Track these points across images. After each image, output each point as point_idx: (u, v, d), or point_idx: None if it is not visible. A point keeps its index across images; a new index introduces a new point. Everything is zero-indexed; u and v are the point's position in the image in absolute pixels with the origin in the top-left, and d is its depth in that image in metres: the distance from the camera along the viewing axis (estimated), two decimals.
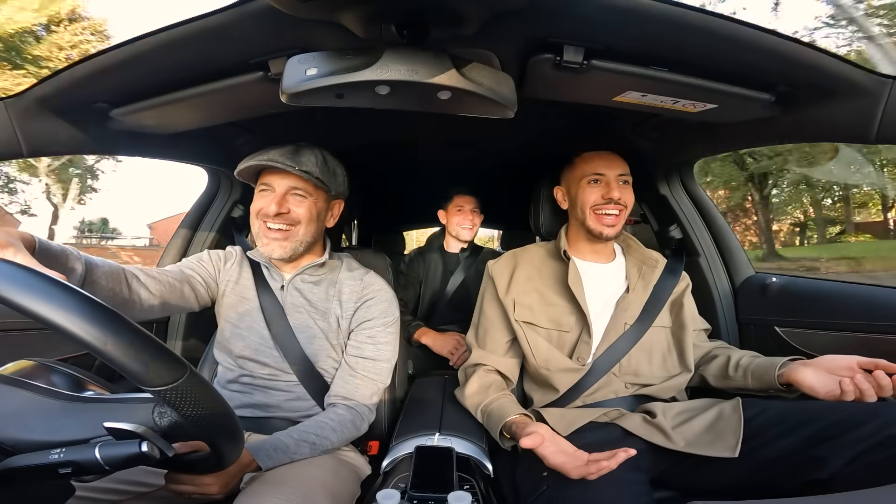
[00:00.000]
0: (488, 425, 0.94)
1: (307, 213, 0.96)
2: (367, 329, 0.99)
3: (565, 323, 1.01)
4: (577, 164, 1.08)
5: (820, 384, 0.81)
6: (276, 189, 0.94)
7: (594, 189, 1.03)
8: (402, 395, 1.24)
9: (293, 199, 0.95)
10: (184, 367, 0.43)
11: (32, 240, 0.66)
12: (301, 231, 0.96)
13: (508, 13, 0.59)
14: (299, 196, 0.95)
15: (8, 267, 0.40)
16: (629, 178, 1.05)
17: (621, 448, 0.69)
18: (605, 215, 1.01)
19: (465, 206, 1.83)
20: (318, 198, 0.98)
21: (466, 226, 1.82)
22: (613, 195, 1.00)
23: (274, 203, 0.92)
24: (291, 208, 0.94)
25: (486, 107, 0.62)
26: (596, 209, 1.02)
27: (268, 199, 0.94)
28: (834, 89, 0.70)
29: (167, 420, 0.46)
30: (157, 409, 0.46)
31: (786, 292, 1.14)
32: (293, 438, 0.84)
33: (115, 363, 0.39)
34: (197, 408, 0.43)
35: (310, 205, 0.96)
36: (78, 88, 0.73)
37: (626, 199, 1.02)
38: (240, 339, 0.98)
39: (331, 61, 0.56)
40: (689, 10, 0.58)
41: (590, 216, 1.02)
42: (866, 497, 0.45)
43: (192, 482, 0.72)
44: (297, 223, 0.95)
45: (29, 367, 0.51)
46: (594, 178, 1.03)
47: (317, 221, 0.99)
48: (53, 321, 0.38)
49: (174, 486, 0.71)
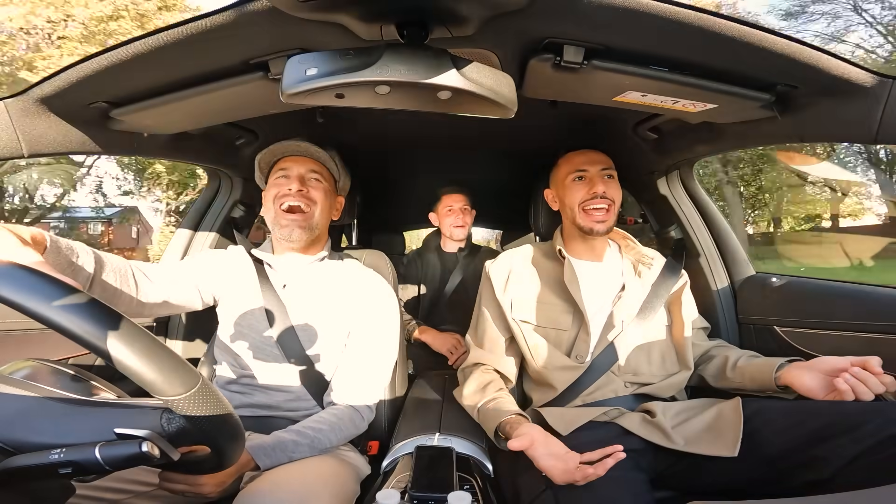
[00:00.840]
0: (484, 425, 0.94)
1: (323, 195, 1.02)
2: (368, 327, 1.00)
3: (562, 321, 1.01)
4: (561, 165, 1.10)
5: (816, 386, 0.81)
6: (295, 172, 1.00)
7: (579, 186, 1.04)
8: (402, 394, 1.24)
9: (311, 182, 1.01)
10: (196, 377, 0.44)
11: (44, 239, 0.66)
12: (317, 213, 1.01)
13: (508, 13, 0.59)
14: (315, 179, 1.01)
15: (27, 274, 0.41)
16: (613, 173, 1.07)
17: (611, 446, 0.69)
18: (594, 210, 1.02)
19: (454, 206, 1.80)
20: (329, 185, 1.04)
21: (459, 225, 1.80)
22: (598, 190, 1.01)
23: (295, 182, 0.98)
24: (311, 189, 1.00)
25: (486, 107, 0.62)
26: (584, 206, 1.03)
27: (286, 182, 0.99)
28: (834, 89, 0.70)
29: (175, 426, 0.46)
30: (164, 415, 0.46)
31: (786, 292, 1.14)
32: (292, 437, 0.84)
33: (131, 373, 0.41)
34: (207, 416, 0.45)
35: (325, 189, 1.02)
36: (78, 88, 0.73)
37: (611, 193, 1.03)
38: (241, 337, 0.98)
39: (331, 61, 0.56)
40: (689, 10, 0.58)
41: (579, 214, 1.03)
42: (866, 497, 0.45)
43: (186, 481, 0.71)
44: (314, 203, 1.00)
45: (35, 367, 0.51)
46: (577, 175, 1.05)
47: (329, 208, 1.05)
48: (72, 330, 0.39)
49: (168, 485, 0.71)
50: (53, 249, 0.68)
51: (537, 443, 0.77)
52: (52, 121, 0.79)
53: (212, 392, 0.45)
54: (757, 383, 0.92)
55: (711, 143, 1.07)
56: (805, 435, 0.75)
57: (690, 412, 0.90)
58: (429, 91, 0.58)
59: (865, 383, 0.75)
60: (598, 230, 1.02)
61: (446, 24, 0.61)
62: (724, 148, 1.09)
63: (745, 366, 0.96)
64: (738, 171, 13.34)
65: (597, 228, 1.02)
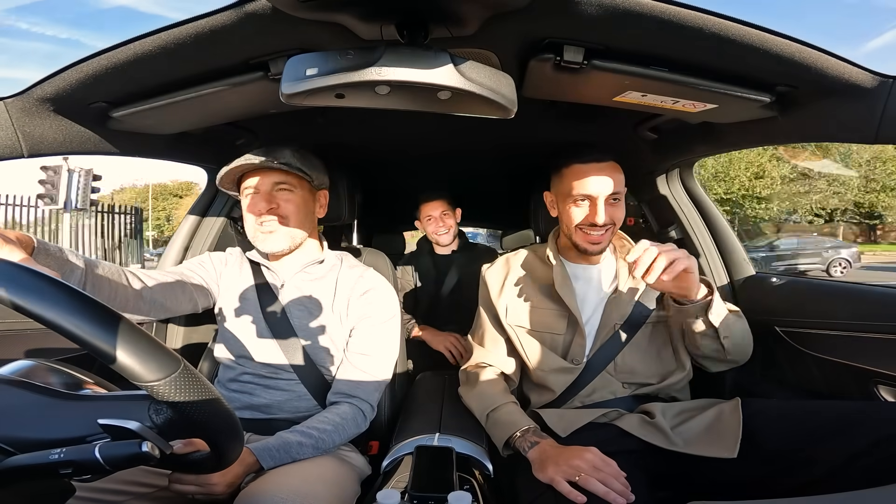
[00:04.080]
0: (492, 433, 0.94)
1: (294, 206, 0.98)
2: (368, 325, 1.00)
3: (556, 325, 1.01)
4: (566, 176, 1.00)
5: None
6: (261, 188, 0.96)
7: (581, 209, 0.98)
8: (402, 394, 1.24)
9: (280, 194, 0.97)
10: (177, 361, 0.42)
11: (31, 241, 0.66)
12: (292, 223, 0.98)
13: (508, 13, 0.59)
14: (285, 190, 0.97)
15: (4, 265, 0.40)
16: (621, 195, 0.99)
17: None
18: (592, 234, 0.98)
19: (433, 214, 1.79)
20: (302, 189, 1.00)
21: (442, 231, 1.80)
22: (599, 220, 0.95)
23: (262, 200, 0.95)
24: (280, 203, 0.97)
25: (486, 107, 0.62)
26: (581, 227, 0.99)
27: (255, 200, 0.96)
28: (834, 89, 0.70)
29: (163, 417, 0.45)
30: (152, 406, 0.45)
31: (786, 292, 1.14)
32: (296, 438, 0.84)
33: (105, 357, 0.39)
34: (191, 403, 0.42)
35: (297, 198, 0.99)
36: (78, 88, 0.73)
37: (614, 217, 0.98)
38: (240, 338, 0.98)
39: (331, 61, 0.56)
40: (689, 10, 0.58)
41: (575, 233, 1.00)
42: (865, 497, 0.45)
43: (196, 482, 0.72)
44: (286, 217, 0.97)
45: (27, 367, 0.51)
46: (582, 198, 0.97)
47: (307, 213, 1.01)
48: (41, 315, 0.38)
49: (178, 487, 0.71)
50: (42, 251, 0.68)
51: (557, 479, 0.74)
52: (52, 121, 0.79)
53: (195, 377, 0.43)
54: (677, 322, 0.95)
55: (711, 143, 1.07)
56: (804, 435, 0.75)
57: (690, 413, 0.90)
58: (429, 91, 0.58)
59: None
60: (592, 251, 1.00)
61: (446, 24, 0.61)
62: (724, 148, 1.09)
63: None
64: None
65: (591, 250, 0.99)
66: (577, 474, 0.72)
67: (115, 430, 0.44)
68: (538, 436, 0.86)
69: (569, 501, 0.70)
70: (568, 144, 1.08)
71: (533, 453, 0.82)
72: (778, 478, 0.76)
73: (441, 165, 1.78)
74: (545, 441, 0.84)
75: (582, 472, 0.72)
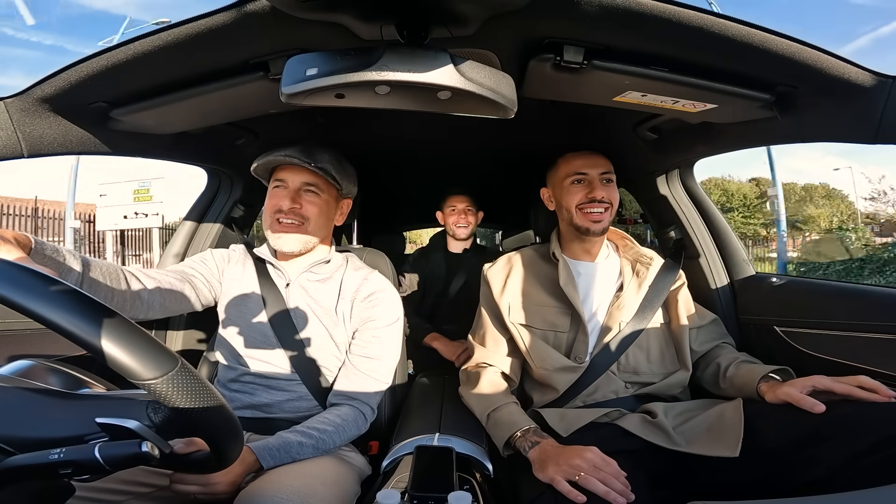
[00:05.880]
0: (493, 433, 0.94)
1: (318, 209, 0.98)
2: (372, 328, 0.99)
3: (560, 323, 1.02)
4: (560, 165, 1.08)
5: (795, 389, 0.81)
6: (290, 185, 0.97)
7: (578, 189, 1.04)
8: (402, 395, 1.23)
9: (306, 195, 0.98)
10: (174, 359, 0.42)
11: (28, 241, 0.66)
12: (311, 226, 0.98)
13: (508, 13, 0.59)
14: (312, 192, 0.98)
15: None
16: (612, 177, 1.06)
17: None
18: (591, 212, 1.02)
19: (458, 206, 1.87)
20: (329, 195, 1.01)
21: (462, 225, 1.87)
22: (597, 195, 1.01)
23: (287, 198, 0.96)
24: (304, 203, 0.97)
25: (487, 107, 0.62)
26: (581, 207, 1.02)
27: (281, 194, 0.97)
28: (834, 89, 0.70)
29: (161, 416, 0.45)
30: (150, 405, 0.45)
31: (786, 292, 1.14)
32: (297, 438, 0.84)
33: (101, 354, 0.39)
34: (189, 401, 0.42)
35: (321, 202, 0.99)
36: (78, 88, 0.73)
37: (610, 197, 1.03)
38: (242, 337, 0.98)
39: (331, 61, 0.56)
40: (689, 10, 0.58)
41: (576, 214, 1.03)
42: (865, 497, 0.45)
43: (198, 481, 0.72)
44: (307, 219, 0.97)
45: (26, 366, 0.51)
46: (577, 177, 1.04)
47: (327, 218, 1.02)
48: (36, 312, 0.37)
49: (181, 487, 0.71)
50: (38, 251, 0.68)
51: (558, 481, 0.73)
52: (52, 121, 0.79)
53: (193, 375, 0.43)
54: (744, 393, 0.93)
55: (711, 143, 1.07)
56: (805, 435, 0.75)
57: (692, 413, 0.90)
58: (429, 91, 0.58)
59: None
60: (595, 230, 1.02)
61: (446, 24, 0.61)
62: (724, 148, 1.09)
63: (733, 377, 0.96)
64: None
65: (593, 228, 1.02)
66: (578, 474, 0.71)
67: (113, 429, 0.44)
68: (539, 436, 0.86)
69: (569, 501, 0.70)
70: (577, 142, 1.12)
71: (533, 453, 0.82)
72: (779, 478, 0.76)
73: (441, 165, 1.79)
74: (546, 441, 0.84)
75: (582, 471, 0.72)
